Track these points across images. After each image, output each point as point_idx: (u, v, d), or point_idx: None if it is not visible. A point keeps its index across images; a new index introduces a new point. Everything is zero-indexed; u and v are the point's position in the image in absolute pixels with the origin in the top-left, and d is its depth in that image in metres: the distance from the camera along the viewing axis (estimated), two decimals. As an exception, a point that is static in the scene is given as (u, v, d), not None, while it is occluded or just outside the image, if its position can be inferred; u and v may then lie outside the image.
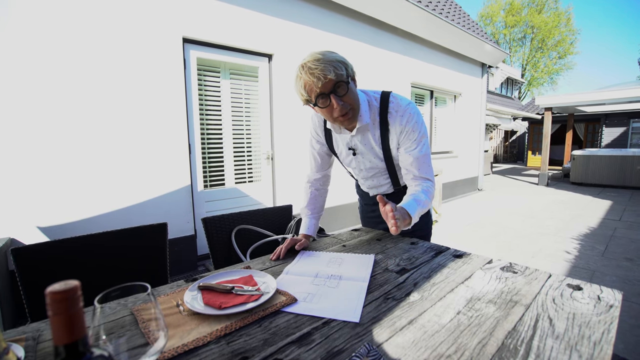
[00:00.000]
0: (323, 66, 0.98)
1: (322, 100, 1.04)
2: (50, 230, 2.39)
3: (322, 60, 0.99)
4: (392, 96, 1.20)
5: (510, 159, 20.27)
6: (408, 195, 1.18)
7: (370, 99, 1.21)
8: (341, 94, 1.04)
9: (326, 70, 0.98)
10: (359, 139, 1.25)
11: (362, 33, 4.58)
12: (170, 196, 2.96)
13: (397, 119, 1.17)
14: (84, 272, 1.17)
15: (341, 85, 1.02)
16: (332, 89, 1.02)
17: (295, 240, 1.24)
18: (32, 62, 2.27)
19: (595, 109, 11.66)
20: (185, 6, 2.93)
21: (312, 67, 0.99)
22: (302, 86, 1.04)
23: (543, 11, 24.78)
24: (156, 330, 0.52)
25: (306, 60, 1.01)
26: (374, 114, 1.20)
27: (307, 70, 1.00)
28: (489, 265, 1.05)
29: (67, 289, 0.33)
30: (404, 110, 1.17)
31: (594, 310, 0.75)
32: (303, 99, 1.07)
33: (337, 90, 1.03)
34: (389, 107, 1.18)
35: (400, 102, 1.19)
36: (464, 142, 7.32)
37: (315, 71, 0.98)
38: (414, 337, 0.67)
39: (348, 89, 1.05)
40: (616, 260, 3.34)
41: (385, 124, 1.19)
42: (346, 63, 1.05)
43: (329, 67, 0.99)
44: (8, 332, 0.71)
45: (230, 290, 0.86)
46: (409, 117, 1.16)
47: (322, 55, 1.01)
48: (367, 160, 1.30)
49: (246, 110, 3.57)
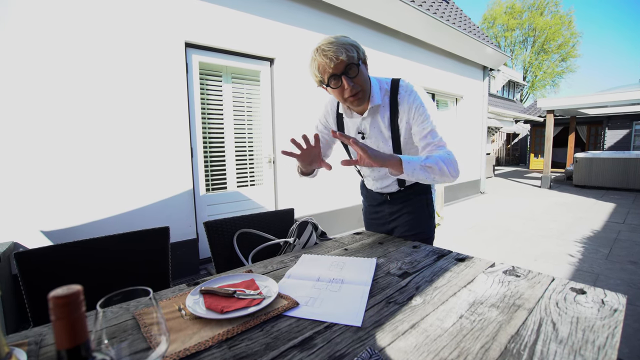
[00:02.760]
0: (335, 48, 1.04)
1: (334, 81, 1.09)
2: (53, 234, 2.39)
3: (335, 43, 1.05)
4: (402, 80, 1.25)
5: (513, 161, 20.20)
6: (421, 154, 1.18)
7: (381, 84, 1.25)
8: (352, 76, 1.09)
9: (338, 52, 1.04)
10: (368, 122, 1.28)
11: (363, 37, 4.60)
12: (173, 200, 2.97)
13: (406, 97, 1.20)
14: (87, 276, 1.17)
15: (352, 67, 1.08)
16: (343, 70, 1.07)
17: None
18: (35, 65, 2.29)
19: (597, 112, 11.63)
20: (188, 11, 2.96)
21: (325, 49, 1.05)
22: (316, 67, 1.10)
23: (544, 14, 24.83)
24: (158, 335, 0.52)
25: (320, 44, 1.07)
26: (385, 96, 1.24)
27: (321, 52, 1.06)
28: (491, 268, 1.05)
29: (70, 293, 0.33)
30: (412, 90, 1.21)
31: (598, 314, 0.74)
32: (317, 79, 1.14)
33: (349, 71, 1.08)
34: (399, 89, 1.22)
35: (408, 85, 1.23)
36: (466, 145, 7.31)
37: (329, 53, 1.04)
38: (416, 342, 0.67)
39: (359, 71, 1.10)
40: (620, 263, 3.31)
41: (395, 104, 1.22)
42: (357, 46, 1.10)
43: (340, 49, 1.04)
44: (11, 337, 0.72)
45: (232, 295, 0.86)
46: (415, 95, 1.20)
47: (335, 39, 1.07)
48: (374, 145, 1.32)
49: (248, 114, 3.58)
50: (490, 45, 6.77)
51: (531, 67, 26.28)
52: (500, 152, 19.65)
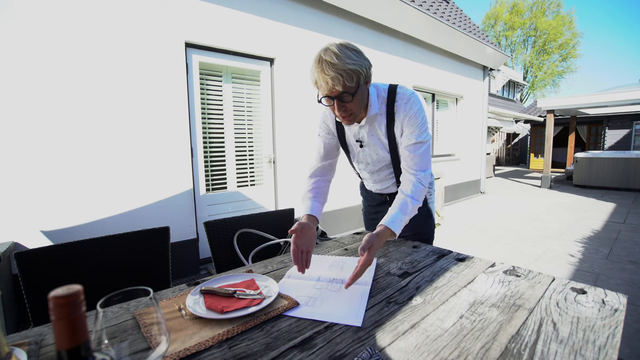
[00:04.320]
0: (334, 74, 0.98)
1: (326, 100, 1.08)
2: (53, 234, 2.39)
3: (336, 66, 0.98)
4: (399, 87, 1.24)
5: (513, 161, 20.20)
6: (396, 201, 1.18)
7: (378, 91, 1.24)
8: (345, 101, 1.06)
9: (335, 80, 0.99)
10: (366, 130, 1.27)
11: (364, 36, 4.60)
12: (173, 200, 2.97)
13: (402, 106, 1.20)
14: (87, 276, 1.17)
15: (346, 95, 1.04)
16: (337, 95, 1.04)
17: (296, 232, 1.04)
18: (35, 65, 2.29)
19: (597, 111, 11.62)
20: (188, 11, 2.96)
21: (325, 70, 0.99)
22: (314, 79, 1.06)
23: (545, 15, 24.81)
24: (158, 335, 0.52)
25: (324, 56, 1.00)
26: (382, 104, 1.23)
27: (321, 70, 1.00)
28: (491, 268, 1.05)
29: (70, 293, 0.33)
30: (408, 98, 1.20)
31: (599, 314, 0.74)
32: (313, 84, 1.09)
33: (342, 97, 1.05)
34: (397, 97, 1.22)
35: (405, 92, 1.23)
36: (466, 145, 7.31)
37: (326, 77, 0.99)
38: (417, 342, 0.67)
39: (353, 98, 1.06)
40: (621, 263, 3.31)
41: (392, 113, 1.22)
42: (360, 71, 1.02)
43: (339, 77, 0.99)
44: (11, 337, 0.72)
45: (232, 295, 0.86)
46: (412, 104, 1.20)
47: (339, 60, 0.98)
48: (373, 152, 1.32)
49: (248, 114, 3.58)
50: (491, 45, 6.77)
51: (531, 67, 26.27)
52: (501, 152, 19.64)
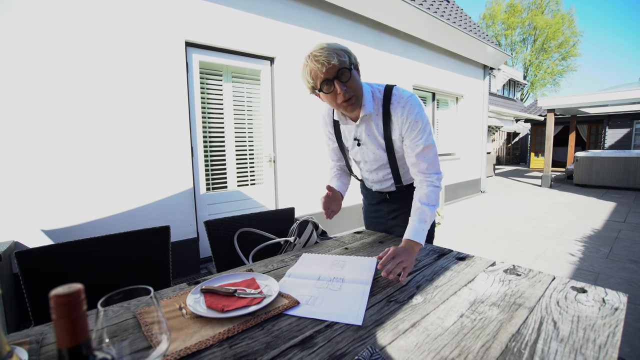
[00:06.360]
0: (327, 53, 1.05)
1: (326, 86, 1.09)
2: (54, 233, 2.40)
3: (326, 49, 1.07)
4: (395, 88, 1.24)
5: (513, 160, 20.19)
6: (414, 211, 1.19)
7: (374, 91, 1.25)
8: (344, 80, 1.09)
9: (330, 57, 1.05)
10: (363, 129, 1.28)
11: (364, 36, 4.60)
12: (173, 199, 2.97)
13: (399, 109, 1.19)
14: (87, 275, 1.18)
15: (344, 71, 1.08)
16: (335, 74, 1.07)
17: (329, 191, 1.36)
18: (35, 65, 2.29)
19: (598, 111, 11.61)
20: (188, 10, 2.95)
21: (317, 55, 1.06)
22: (308, 73, 1.10)
23: (544, 13, 24.76)
24: (159, 334, 0.52)
25: (312, 51, 1.09)
26: (377, 104, 1.23)
27: (312, 58, 1.07)
28: (492, 267, 1.05)
29: (71, 292, 0.33)
30: (406, 102, 1.19)
31: (599, 313, 0.74)
32: (309, 86, 1.14)
33: (340, 76, 1.08)
34: (392, 98, 1.21)
35: (402, 94, 1.22)
36: (466, 144, 7.30)
37: (320, 58, 1.05)
38: (417, 341, 0.67)
39: (351, 76, 1.10)
40: (621, 262, 3.31)
41: (388, 114, 1.22)
42: (349, 52, 1.12)
43: (332, 54, 1.05)
44: (12, 335, 0.72)
45: (233, 294, 0.86)
46: (410, 107, 1.18)
47: (327, 45, 1.08)
48: (370, 151, 1.33)
49: (248, 113, 3.58)
50: (491, 44, 6.76)
51: (531, 66, 26.23)
52: (501, 151, 19.63)
